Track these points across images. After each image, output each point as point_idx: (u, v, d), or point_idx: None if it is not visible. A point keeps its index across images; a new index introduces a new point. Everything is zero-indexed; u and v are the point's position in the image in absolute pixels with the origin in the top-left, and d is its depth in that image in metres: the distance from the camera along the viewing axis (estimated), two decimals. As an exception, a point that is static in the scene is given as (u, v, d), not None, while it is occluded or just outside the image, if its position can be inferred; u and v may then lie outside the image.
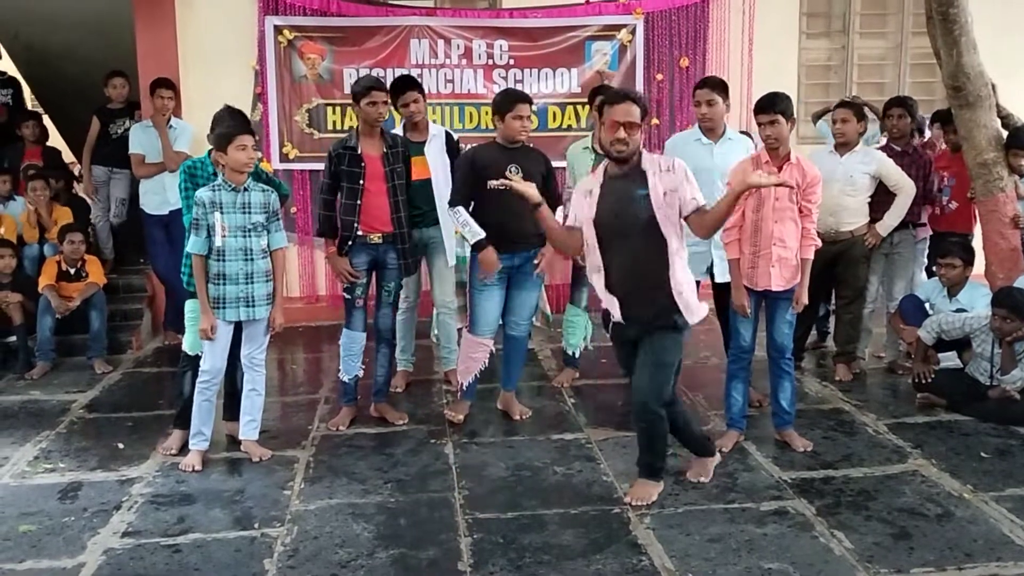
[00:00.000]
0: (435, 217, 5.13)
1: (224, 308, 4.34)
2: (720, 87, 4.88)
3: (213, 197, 4.28)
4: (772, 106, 4.31)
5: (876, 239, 5.50)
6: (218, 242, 4.28)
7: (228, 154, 4.22)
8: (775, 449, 4.49)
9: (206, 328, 4.31)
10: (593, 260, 3.87)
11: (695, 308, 3.81)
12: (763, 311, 4.58)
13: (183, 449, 4.50)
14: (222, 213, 4.27)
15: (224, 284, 4.32)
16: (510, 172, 4.40)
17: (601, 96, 4.13)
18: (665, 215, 3.70)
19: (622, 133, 3.64)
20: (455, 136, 5.32)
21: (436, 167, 5.08)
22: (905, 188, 5.44)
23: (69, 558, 3.52)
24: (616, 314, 3.84)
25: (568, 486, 4.12)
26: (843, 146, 5.45)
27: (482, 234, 4.64)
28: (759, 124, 4.39)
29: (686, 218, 3.74)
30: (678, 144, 5.07)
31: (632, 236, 3.72)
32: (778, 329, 4.49)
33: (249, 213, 4.33)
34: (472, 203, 4.71)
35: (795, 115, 4.38)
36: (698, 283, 5.03)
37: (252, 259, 4.35)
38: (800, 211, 4.35)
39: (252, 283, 4.36)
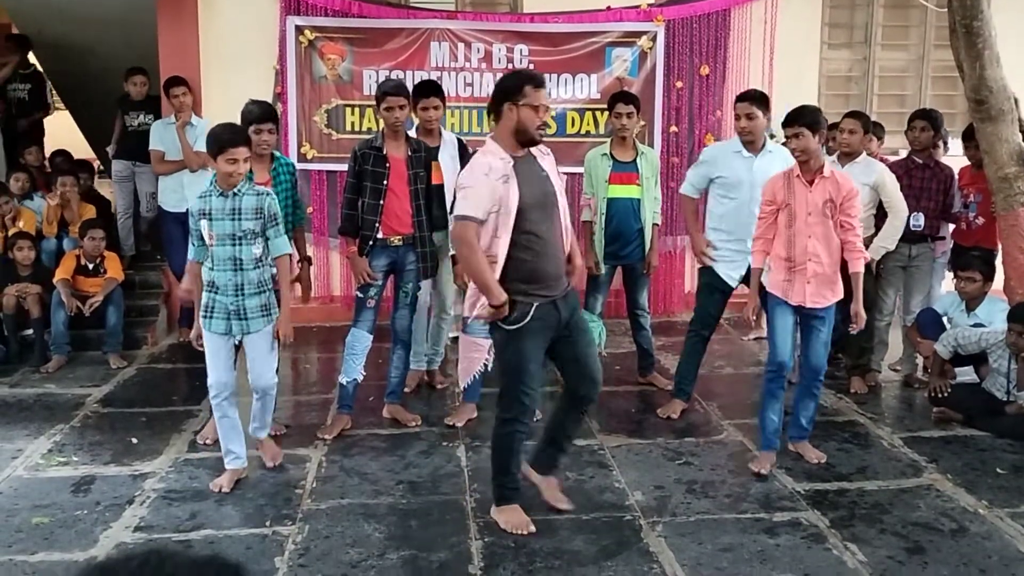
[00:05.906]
0: (445, 222, 5.13)
1: (212, 318, 4.07)
2: (760, 100, 4.84)
3: (202, 205, 4.03)
4: (796, 119, 4.22)
5: (869, 259, 5.44)
6: (208, 250, 4.09)
7: (216, 162, 3.96)
8: (789, 460, 4.47)
9: (193, 337, 4.23)
10: (499, 248, 3.56)
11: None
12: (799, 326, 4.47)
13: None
14: (210, 220, 4.01)
15: (215, 293, 4.07)
16: None
17: (524, 80, 3.69)
18: (560, 191, 3.77)
19: (546, 116, 3.68)
20: (464, 140, 5.35)
21: (448, 173, 5.09)
22: (897, 209, 5.34)
23: (81, 551, 3.54)
24: (537, 299, 3.62)
25: (580, 492, 4.11)
26: (846, 156, 5.41)
27: None
28: (786, 137, 4.33)
29: None
30: (717, 156, 5.03)
31: (551, 214, 3.70)
32: (814, 350, 4.37)
33: (239, 220, 4.00)
34: None
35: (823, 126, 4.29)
36: (732, 291, 5.00)
37: (242, 269, 4.03)
38: (841, 226, 4.24)
39: (242, 295, 4.05)
